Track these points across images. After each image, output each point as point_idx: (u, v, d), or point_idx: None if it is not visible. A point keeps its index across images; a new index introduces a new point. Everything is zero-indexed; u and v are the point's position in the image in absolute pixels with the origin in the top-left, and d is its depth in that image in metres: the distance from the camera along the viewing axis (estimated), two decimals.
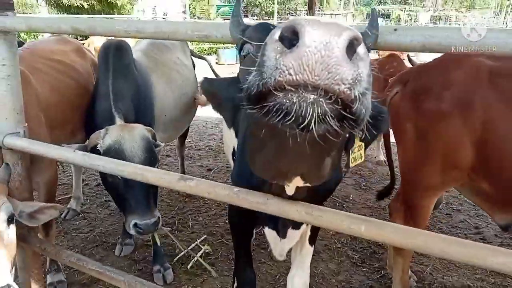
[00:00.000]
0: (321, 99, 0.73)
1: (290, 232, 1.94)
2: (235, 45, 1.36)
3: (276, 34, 0.75)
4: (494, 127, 2.13)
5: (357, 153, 1.50)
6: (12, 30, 2.01)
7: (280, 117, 0.77)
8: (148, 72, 3.27)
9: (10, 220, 1.82)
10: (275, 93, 0.75)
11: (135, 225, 2.37)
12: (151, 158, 2.45)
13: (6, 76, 2.04)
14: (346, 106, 0.75)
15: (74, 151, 1.98)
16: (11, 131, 2.07)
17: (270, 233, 2.02)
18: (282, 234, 1.94)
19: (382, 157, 5.82)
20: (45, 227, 2.71)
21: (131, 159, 2.35)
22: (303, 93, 0.73)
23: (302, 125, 0.76)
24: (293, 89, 0.73)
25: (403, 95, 2.49)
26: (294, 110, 0.75)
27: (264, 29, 1.16)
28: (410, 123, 2.41)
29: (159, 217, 2.44)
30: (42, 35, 6.50)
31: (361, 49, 0.74)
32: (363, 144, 1.46)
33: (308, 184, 1.23)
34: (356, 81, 0.73)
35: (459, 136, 2.20)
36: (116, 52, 2.87)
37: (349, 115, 0.77)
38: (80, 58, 3.42)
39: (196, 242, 3.52)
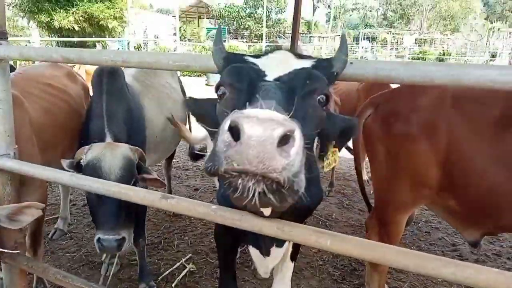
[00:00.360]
0: (260, 182, 0.95)
1: (274, 250, 2.00)
2: None
3: (226, 124, 0.94)
4: (458, 148, 2.26)
5: (331, 159, 1.65)
6: (5, 58, 2.11)
7: (230, 191, 0.99)
8: (139, 96, 3.37)
9: None
10: (225, 175, 0.97)
11: (98, 240, 2.39)
12: (128, 177, 2.47)
13: None
14: (280, 185, 0.95)
15: (62, 172, 2.07)
16: (2, 152, 2.14)
17: (254, 252, 2.09)
18: (266, 252, 2.01)
19: (365, 177, 5.97)
20: (33, 245, 2.76)
21: (107, 175, 2.39)
22: (245, 177, 0.95)
23: (247, 200, 0.97)
24: (237, 174, 0.94)
25: (375, 117, 2.63)
26: (240, 188, 0.96)
27: (236, 74, 1.36)
28: (381, 144, 2.55)
29: (124, 237, 2.43)
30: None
31: (296, 135, 0.94)
32: (337, 149, 1.64)
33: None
34: (287, 168, 0.93)
35: (426, 157, 2.33)
36: (109, 76, 2.94)
37: (285, 191, 0.97)
38: (71, 82, 3.53)
39: (181, 261, 3.60)
